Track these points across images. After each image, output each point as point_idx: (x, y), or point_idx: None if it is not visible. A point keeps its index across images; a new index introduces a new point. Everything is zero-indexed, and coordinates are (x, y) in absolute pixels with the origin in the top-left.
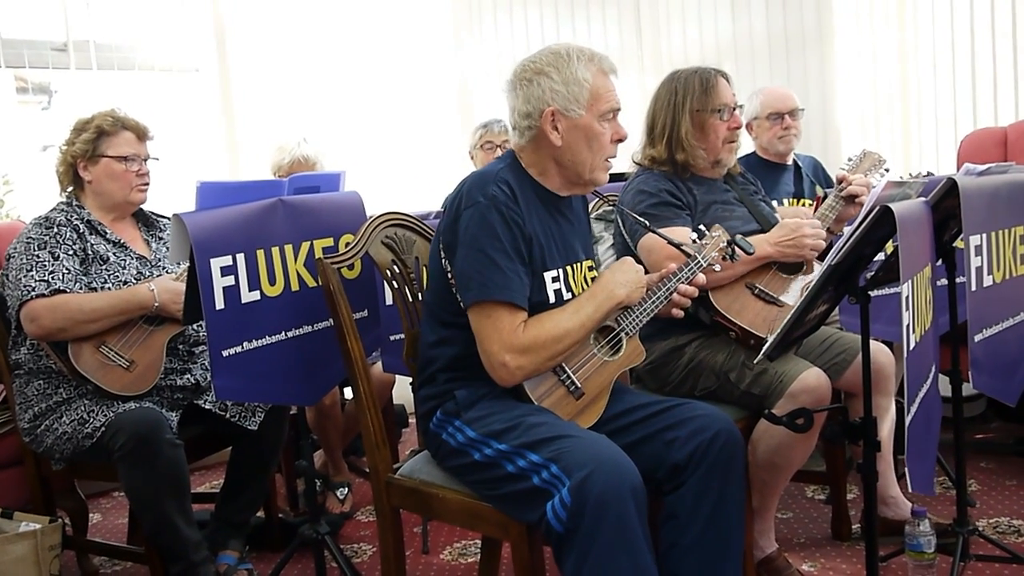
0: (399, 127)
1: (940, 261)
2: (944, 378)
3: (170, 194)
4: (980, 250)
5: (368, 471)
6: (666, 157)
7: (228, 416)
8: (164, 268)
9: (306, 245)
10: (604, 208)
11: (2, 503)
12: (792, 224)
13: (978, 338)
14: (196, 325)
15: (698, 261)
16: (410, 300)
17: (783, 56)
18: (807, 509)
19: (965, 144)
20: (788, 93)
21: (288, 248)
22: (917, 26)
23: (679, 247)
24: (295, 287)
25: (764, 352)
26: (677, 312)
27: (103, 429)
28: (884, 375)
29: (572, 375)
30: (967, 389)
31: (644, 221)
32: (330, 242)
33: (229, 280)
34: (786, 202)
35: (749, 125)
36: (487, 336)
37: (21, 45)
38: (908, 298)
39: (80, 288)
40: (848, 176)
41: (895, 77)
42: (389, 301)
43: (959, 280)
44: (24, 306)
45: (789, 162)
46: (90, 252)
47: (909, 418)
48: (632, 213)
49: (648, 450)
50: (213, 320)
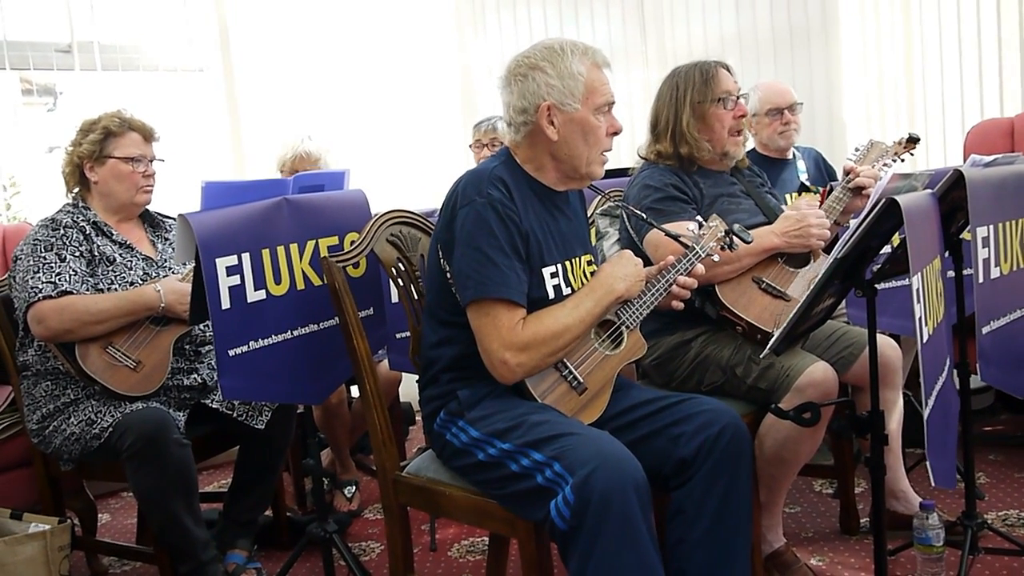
0: (403, 125)
1: (947, 253)
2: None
3: (175, 194)
4: (987, 241)
5: (375, 469)
6: (672, 152)
7: (235, 415)
8: (170, 269)
9: (311, 244)
10: (610, 204)
11: (11, 504)
12: (797, 215)
13: (986, 330)
14: (202, 325)
15: (696, 252)
16: (415, 298)
17: (788, 50)
18: (815, 503)
19: (972, 135)
20: (786, 88)
21: (293, 247)
22: (922, 17)
23: (677, 238)
24: (300, 286)
25: (770, 346)
26: (677, 304)
27: (111, 429)
28: (891, 368)
29: (574, 370)
30: (975, 381)
31: (641, 214)
32: (335, 240)
33: (235, 280)
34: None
35: (748, 121)
36: (486, 334)
37: (26, 47)
38: (919, 291)
39: (87, 289)
40: (855, 167)
41: (900, 68)
42: (395, 299)
43: (966, 272)
44: (31, 308)
45: (790, 156)
46: (96, 253)
47: (927, 412)
48: (634, 209)
49: (655, 445)
50: (219, 320)
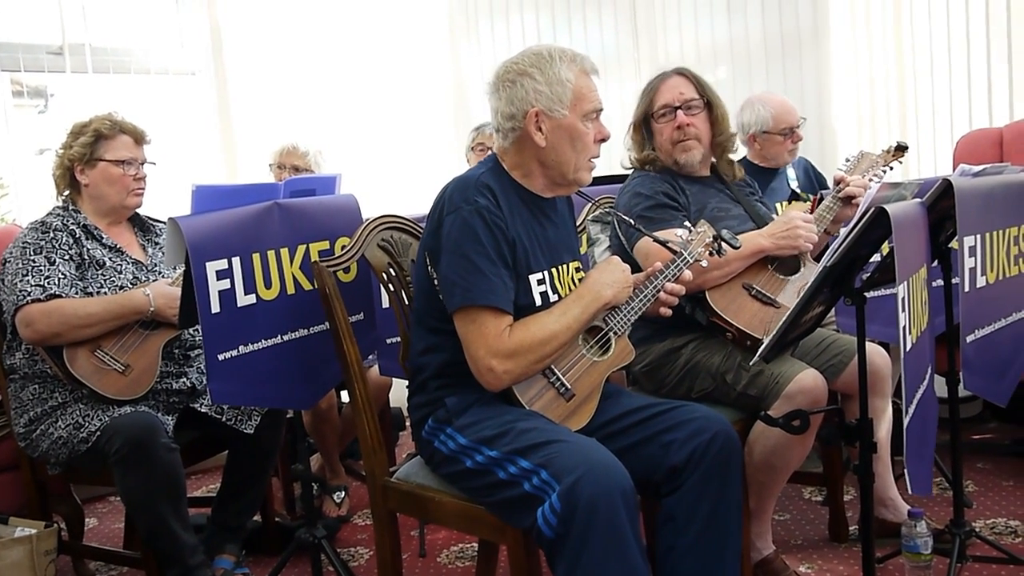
0: (395, 130)
1: (936, 262)
2: (940, 379)
3: (166, 197)
4: (974, 251)
5: (365, 474)
6: (647, 158)
7: (224, 420)
8: (160, 273)
9: (302, 248)
10: (601, 210)
11: None
12: (784, 218)
13: (970, 339)
14: (192, 329)
15: (684, 257)
16: (406, 303)
17: (779, 58)
18: (804, 510)
19: (961, 145)
20: (792, 105)
21: (284, 251)
22: (913, 27)
23: (665, 244)
24: (291, 290)
25: (760, 353)
26: (665, 311)
27: (99, 433)
28: (880, 376)
29: (562, 377)
30: (964, 390)
31: (630, 221)
32: (326, 245)
33: (225, 284)
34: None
35: (753, 137)
36: (473, 341)
37: (17, 49)
38: (904, 299)
39: (76, 293)
40: (846, 177)
41: (891, 78)
42: (385, 304)
43: (955, 281)
44: (19, 311)
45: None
46: (86, 257)
47: (907, 420)
48: (624, 216)
49: (646, 453)
50: (208, 324)
